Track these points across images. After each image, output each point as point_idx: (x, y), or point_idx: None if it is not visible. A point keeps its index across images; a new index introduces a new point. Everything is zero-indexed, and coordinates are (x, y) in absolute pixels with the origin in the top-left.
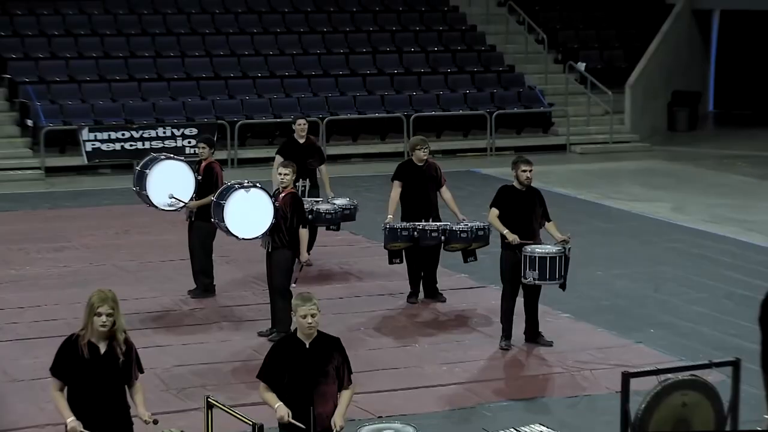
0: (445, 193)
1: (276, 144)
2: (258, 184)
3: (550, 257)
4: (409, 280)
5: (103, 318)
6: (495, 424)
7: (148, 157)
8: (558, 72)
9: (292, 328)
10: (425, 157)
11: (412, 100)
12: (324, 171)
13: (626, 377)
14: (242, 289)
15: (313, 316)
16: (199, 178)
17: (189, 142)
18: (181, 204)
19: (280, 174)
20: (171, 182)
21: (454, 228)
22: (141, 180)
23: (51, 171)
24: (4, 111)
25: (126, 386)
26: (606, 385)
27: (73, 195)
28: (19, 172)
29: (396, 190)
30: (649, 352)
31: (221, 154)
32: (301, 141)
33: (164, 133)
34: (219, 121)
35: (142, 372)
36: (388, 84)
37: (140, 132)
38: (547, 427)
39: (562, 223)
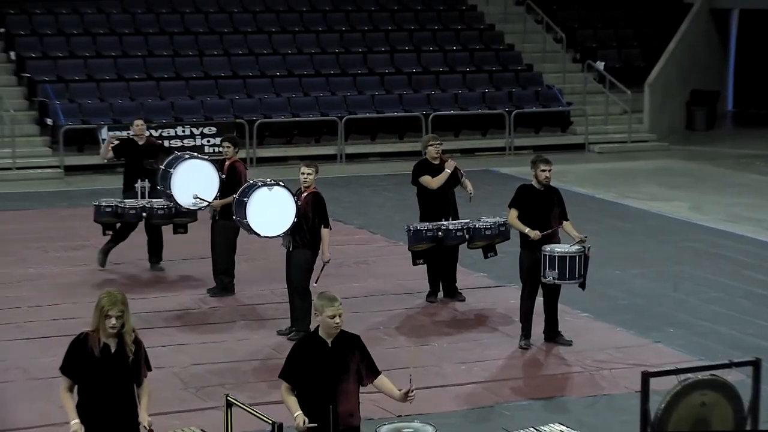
0: (465, 180)
1: (294, 143)
2: (281, 183)
3: (569, 256)
4: (429, 279)
5: (113, 320)
6: (514, 424)
7: (171, 156)
8: (576, 71)
9: (312, 326)
10: (438, 153)
11: (430, 99)
12: None
13: (646, 377)
14: (261, 287)
15: (340, 316)
16: (223, 177)
17: (207, 141)
18: (206, 203)
19: (302, 174)
20: (195, 181)
21: (477, 226)
22: (165, 179)
23: (70, 169)
24: (23, 110)
25: (135, 385)
26: (625, 384)
27: (91, 194)
28: (38, 170)
29: (427, 181)
30: (668, 352)
31: (240, 154)
32: (140, 142)
33: (183, 132)
34: (237, 120)
35: (150, 370)
36: (406, 83)
37: (159, 131)
38: (567, 427)
39: (580, 223)
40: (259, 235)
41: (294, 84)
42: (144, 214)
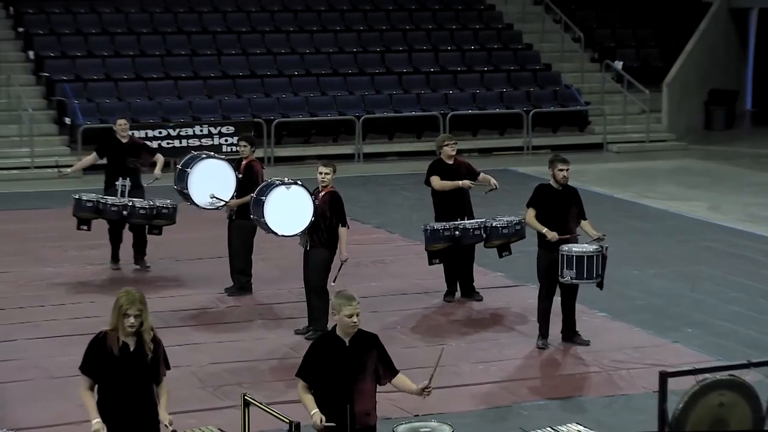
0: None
1: (312, 142)
2: (298, 182)
3: (587, 256)
4: (446, 279)
5: (132, 319)
6: (531, 423)
7: (188, 156)
8: (594, 71)
9: (330, 325)
10: (453, 153)
11: (448, 98)
12: (160, 158)
13: (664, 377)
14: (278, 287)
15: (357, 315)
16: (240, 176)
17: (225, 141)
18: (222, 203)
19: (320, 173)
20: (212, 181)
21: (494, 224)
22: (182, 179)
23: (88, 169)
24: (42, 109)
25: (154, 384)
26: (642, 384)
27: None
28: (57, 169)
29: (437, 183)
30: (686, 352)
31: (257, 153)
32: (123, 141)
33: (201, 131)
34: (255, 120)
35: (168, 369)
36: (423, 82)
37: (177, 130)
38: (584, 427)
39: (598, 222)
40: (276, 234)
41: (312, 83)
42: (125, 213)
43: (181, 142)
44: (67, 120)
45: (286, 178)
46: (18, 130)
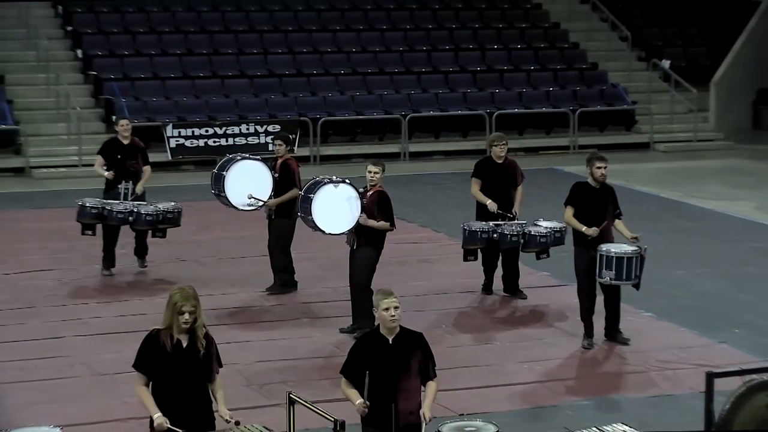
0: (519, 190)
1: (358, 141)
2: (347, 180)
3: (627, 257)
4: (484, 270)
5: (186, 316)
6: (576, 423)
7: (224, 159)
8: (641, 69)
9: (375, 324)
10: (503, 154)
11: (495, 97)
12: (147, 171)
13: (710, 377)
14: (323, 285)
15: (395, 308)
16: (276, 175)
17: (271, 139)
18: (261, 203)
19: (369, 172)
20: (248, 182)
21: (533, 232)
22: (219, 182)
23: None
24: (90, 108)
25: (207, 382)
26: (688, 384)
27: (156, 191)
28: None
29: (475, 187)
30: (733, 352)
31: (303, 151)
32: (125, 142)
33: (247, 129)
34: (301, 118)
35: (221, 366)
36: (470, 81)
37: (223, 129)
38: (629, 427)
39: (644, 222)
40: (323, 232)
41: (358, 82)
42: (130, 219)
43: (227, 141)
44: (115, 118)
45: (334, 176)
46: (66, 128)
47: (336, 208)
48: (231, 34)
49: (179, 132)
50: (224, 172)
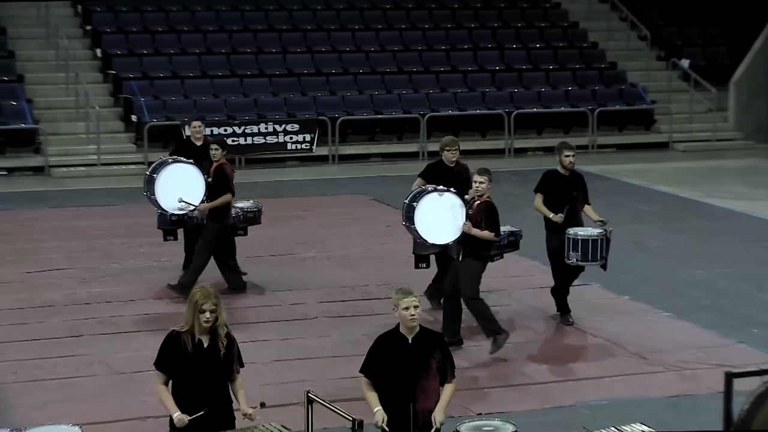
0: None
1: (376, 140)
2: (451, 189)
3: (593, 240)
4: (434, 277)
5: (207, 314)
6: (594, 423)
7: (157, 162)
8: (660, 69)
9: (394, 323)
10: (454, 159)
11: (513, 96)
12: None
13: (729, 377)
14: (341, 284)
15: (415, 307)
16: (209, 180)
17: (290, 138)
18: (192, 207)
19: (475, 182)
20: (180, 185)
21: None
22: (150, 185)
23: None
24: (109, 107)
25: (228, 381)
26: (707, 384)
27: None
28: (123, 167)
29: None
30: (752, 353)
31: (322, 151)
32: (198, 143)
33: (266, 129)
34: (320, 117)
35: (242, 366)
36: (489, 81)
37: (242, 128)
38: (648, 426)
39: (663, 222)
40: (426, 241)
41: (377, 81)
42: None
43: (246, 140)
44: (134, 117)
45: (439, 186)
46: (85, 127)
47: (439, 217)
48: (250, 33)
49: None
50: (155, 175)
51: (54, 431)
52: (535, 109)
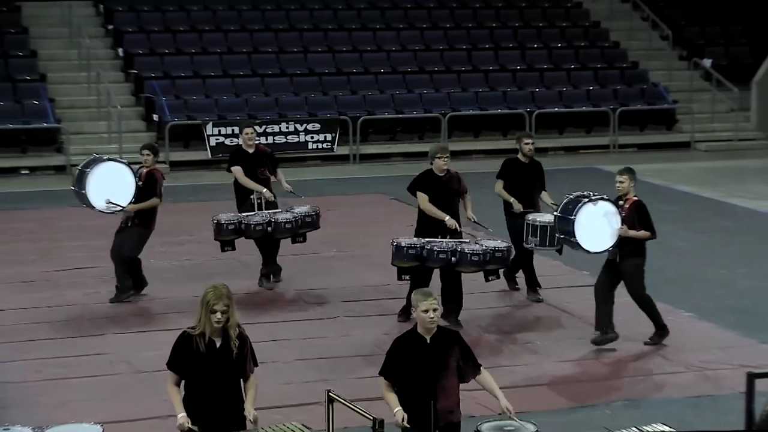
0: (466, 198)
1: (397, 140)
2: (605, 196)
3: (550, 226)
4: (407, 297)
5: (218, 315)
6: (615, 423)
7: (90, 158)
8: (682, 68)
9: (411, 324)
10: (446, 167)
11: (535, 96)
12: (280, 174)
13: (751, 378)
14: (362, 283)
15: (434, 310)
16: (140, 183)
17: (311, 138)
18: (119, 208)
19: (616, 182)
20: (111, 185)
21: (465, 250)
22: (81, 180)
23: (175, 165)
24: (130, 106)
25: (241, 381)
26: (729, 385)
27: (195, 189)
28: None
29: (422, 198)
30: None
31: (343, 150)
32: (250, 150)
33: (287, 128)
34: (341, 117)
35: (256, 365)
36: (510, 80)
37: (263, 127)
38: (669, 427)
39: (685, 222)
40: (588, 251)
41: (398, 81)
42: (269, 230)
43: (267, 140)
44: (155, 117)
45: (591, 193)
46: (107, 126)
47: (596, 225)
48: (271, 32)
49: (219, 130)
50: (88, 170)
51: (76, 429)
52: (556, 109)
